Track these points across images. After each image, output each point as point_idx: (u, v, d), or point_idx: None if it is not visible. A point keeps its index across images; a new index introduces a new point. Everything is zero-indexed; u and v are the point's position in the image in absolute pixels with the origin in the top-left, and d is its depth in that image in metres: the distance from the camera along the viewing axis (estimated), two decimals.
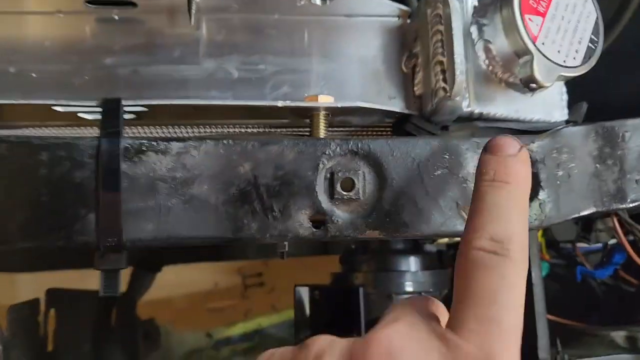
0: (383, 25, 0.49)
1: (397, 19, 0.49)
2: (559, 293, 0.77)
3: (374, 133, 0.50)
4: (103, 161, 0.37)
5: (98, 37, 0.46)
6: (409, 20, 0.49)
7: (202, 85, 0.46)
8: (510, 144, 0.35)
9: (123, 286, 0.69)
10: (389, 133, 0.50)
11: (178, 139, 0.39)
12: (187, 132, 0.48)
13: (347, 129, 0.49)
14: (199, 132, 0.48)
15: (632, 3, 0.61)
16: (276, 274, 1.23)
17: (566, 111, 0.49)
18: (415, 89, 0.47)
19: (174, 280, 1.06)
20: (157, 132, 0.48)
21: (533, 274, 0.58)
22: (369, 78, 0.48)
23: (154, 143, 0.39)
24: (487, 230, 0.32)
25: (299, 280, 0.66)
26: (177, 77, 0.46)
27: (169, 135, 0.49)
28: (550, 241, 0.74)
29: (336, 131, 0.49)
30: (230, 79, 0.46)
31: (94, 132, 0.45)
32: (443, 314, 0.35)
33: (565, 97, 0.49)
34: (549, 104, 0.48)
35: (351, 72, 0.47)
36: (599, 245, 0.70)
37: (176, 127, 0.48)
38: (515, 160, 0.35)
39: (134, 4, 0.45)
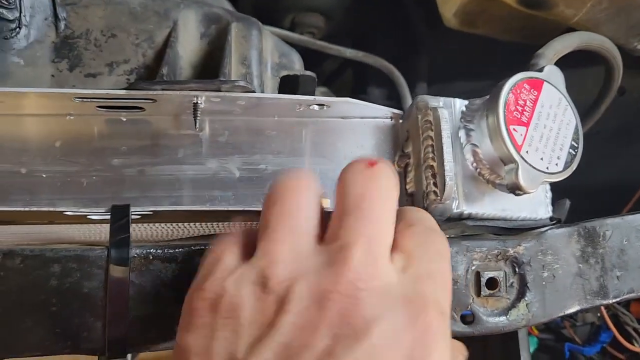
0: (377, 126, 0.52)
1: (389, 120, 0.52)
2: None
3: None
4: (111, 272, 0.39)
5: (106, 138, 0.48)
6: (401, 121, 0.52)
7: (205, 184, 0.48)
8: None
9: None
10: None
11: (183, 246, 0.41)
12: (192, 227, 0.50)
13: None
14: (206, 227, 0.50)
15: (612, 87, 0.64)
16: None
17: (550, 208, 0.51)
18: (408, 187, 0.50)
19: None
20: (162, 229, 0.50)
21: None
22: None
23: (160, 251, 0.41)
24: None
25: None
26: (181, 177, 0.48)
27: (173, 232, 0.50)
28: None
29: None
30: (232, 179, 0.48)
31: (103, 229, 0.47)
32: None
33: (549, 194, 0.52)
34: (534, 203, 0.50)
35: None
36: None
37: (180, 223, 0.50)
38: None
39: (141, 108, 0.48)
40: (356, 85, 1.03)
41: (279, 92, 0.53)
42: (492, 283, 0.45)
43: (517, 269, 0.45)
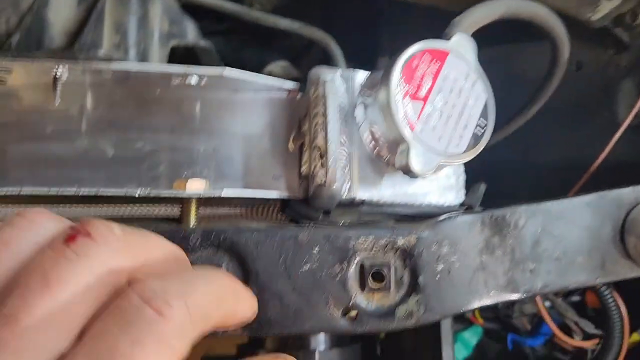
0: (272, 101, 0.47)
1: (286, 93, 0.47)
2: None
3: (261, 213, 0.48)
4: None
5: None
6: (299, 96, 0.47)
7: (75, 164, 0.44)
8: None
9: None
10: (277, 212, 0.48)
11: None
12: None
13: (230, 209, 0.47)
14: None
15: (561, 62, 0.59)
16: None
17: (463, 192, 0.46)
18: (302, 169, 0.45)
19: None
20: None
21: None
22: (254, 156, 0.46)
23: None
24: None
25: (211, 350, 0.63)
26: (48, 156, 0.44)
27: None
28: None
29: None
30: (104, 158, 0.44)
31: None
32: None
33: (462, 177, 0.47)
34: (442, 187, 0.45)
35: (235, 150, 0.45)
36: None
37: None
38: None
39: (2, 81, 0.43)
40: (326, 60, 0.98)
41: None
42: (378, 276, 0.40)
43: (407, 262, 0.41)
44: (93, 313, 0.25)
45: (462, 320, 0.72)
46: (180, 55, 0.51)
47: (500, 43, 0.72)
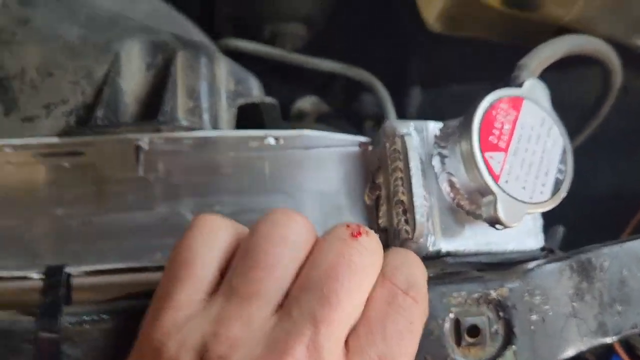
0: (345, 155, 0.47)
1: (357, 147, 0.47)
2: None
3: None
4: (41, 345, 0.35)
5: (48, 187, 0.44)
6: (371, 148, 0.47)
7: (156, 232, 0.44)
8: None
9: None
10: None
11: (119, 309, 0.37)
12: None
13: None
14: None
15: (611, 92, 0.59)
16: None
17: (541, 237, 0.46)
18: (380, 221, 0.45)
19: None
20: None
21: None
22: (331, 212, 0.46)
23: (95, 317, 0.37)
24: None
25: None
26: (130, 225, 0.44)
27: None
28: None
29: None
30: (185, 224, 0.44)
31: None
32: None
33: (539, 222, 0.46)
34: (522, 233, 0.45)
35: (311, 207, 0.46)
36: None
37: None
38: None
39: (82, 153, 0.44)
40: (348, 92, 0.99)
41: (238, 123, 0.49)
42: (473, 331, 0.40)
43: (501, 314, 0.40)
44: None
45: None
46: (244, 111, 0.52)
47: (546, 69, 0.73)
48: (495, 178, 0.40)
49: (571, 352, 0.42)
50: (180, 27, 0.56)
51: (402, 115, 0.82)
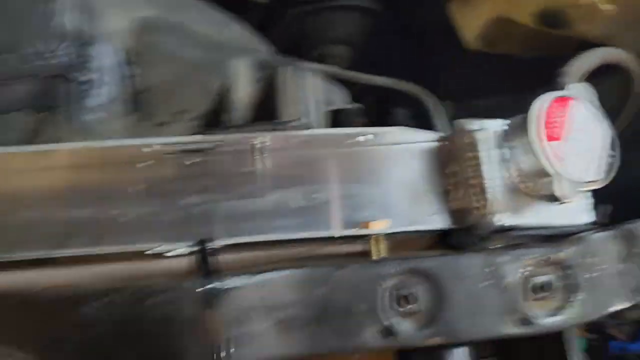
0: (424, 149, 0.55)
1: (435, 143, 0.56)
2: None
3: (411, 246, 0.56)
4: (204, 301, 0.44)
5: (178, 180, 0.53)
6: (444, 143, 0.56)
7: (269, 216, 0.52)
8: None
9: None
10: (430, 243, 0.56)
11: (265, 270, 0.46)
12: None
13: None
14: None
15: (629, 100, 0.68)
16: None
17: (593, 213, 0.55)
18: (452, 204, 0.54)
19: None
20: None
21: None
22: (412, 198, 0.54)
23: (246, 279, 0.45)
24: None
25: None
26: (246, 211, 0.52)
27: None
28: None
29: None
30: (292, 209, 0.53)
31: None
32: None
33: (590, 201, 0.55)
34: (576, 210, 0.54)
35: (395, 195, 0.54)
36: None
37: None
38: None
39: (206, 151, 0.53)
40: (380, 106, 1.08)
41: (331, 126, 0.58)
42: (543, 286, 0.49)
43: (565, 272, 0.49)
44: None
45: None
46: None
47: None
48: (553, 162, 0.50)
49: (619, 305, 0.50)
50: (262, 46, 0.66)
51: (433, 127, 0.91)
